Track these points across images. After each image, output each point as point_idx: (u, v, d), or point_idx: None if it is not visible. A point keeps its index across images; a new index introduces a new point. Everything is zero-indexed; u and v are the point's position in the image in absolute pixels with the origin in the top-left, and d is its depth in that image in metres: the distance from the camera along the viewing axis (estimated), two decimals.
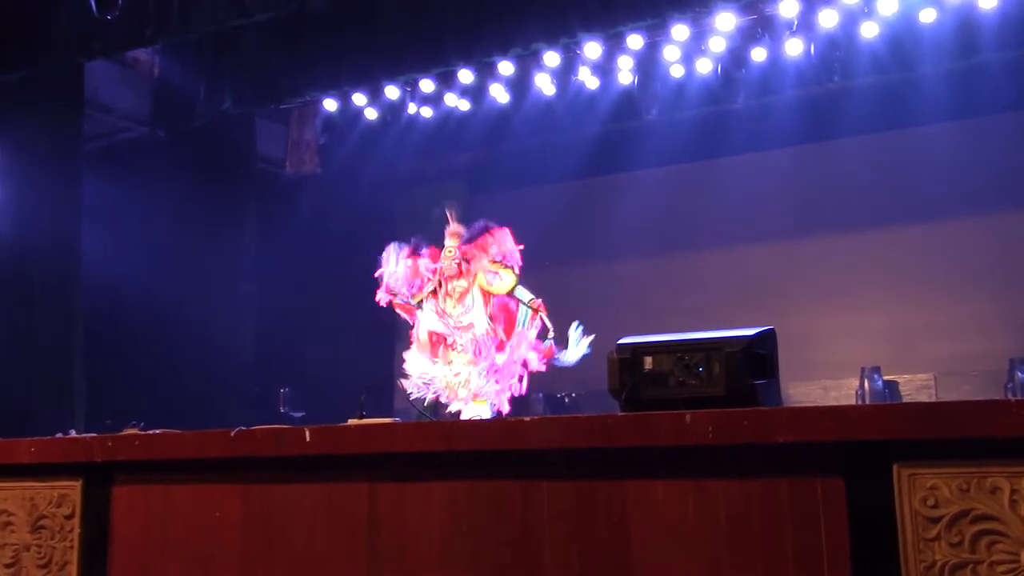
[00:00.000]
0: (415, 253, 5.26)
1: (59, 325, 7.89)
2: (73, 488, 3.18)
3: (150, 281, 8.33)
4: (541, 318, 5.11)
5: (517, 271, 5.15)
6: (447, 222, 5.29)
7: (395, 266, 5.24)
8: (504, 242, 5.23)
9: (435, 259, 5.19)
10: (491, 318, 5.04)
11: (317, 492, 2.76)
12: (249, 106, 8.75)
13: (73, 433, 4.10)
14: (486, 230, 5.24)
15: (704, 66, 8.48)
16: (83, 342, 7.96)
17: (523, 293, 5.12)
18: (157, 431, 3.24)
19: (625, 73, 8.77)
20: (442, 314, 5.08)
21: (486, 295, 5.06)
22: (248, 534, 2.85)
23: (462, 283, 5.11)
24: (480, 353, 5.01)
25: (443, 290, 5.11)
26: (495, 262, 5.13)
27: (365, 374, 9.49)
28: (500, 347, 5.06)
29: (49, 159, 8.01)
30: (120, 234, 8.57)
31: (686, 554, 2.26)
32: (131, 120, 9.33)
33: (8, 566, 3.29)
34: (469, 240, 5.19)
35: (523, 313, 5.04)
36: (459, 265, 5.14)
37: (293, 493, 2.80)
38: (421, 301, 5.17)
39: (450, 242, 5.20)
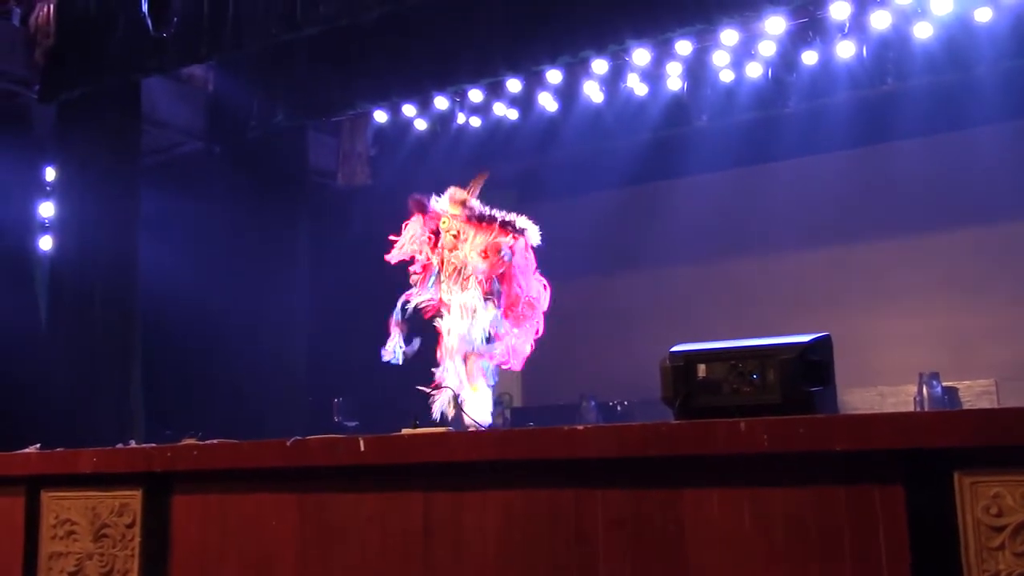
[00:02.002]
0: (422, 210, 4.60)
1: (118, 337, 8.03)
2: (134, 497, 3.24)
3: (205, 293, 8.45)
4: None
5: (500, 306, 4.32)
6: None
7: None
8: (515, 250, 4.40)
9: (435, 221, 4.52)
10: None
11: (372, 501, 2.78)
12: (301, 119, 8.85)
13: (133, 443, 4.17)
14: (503, 223, 4.46)
15: (754, 70, 8.41)
16: (141, 353, 8.11)
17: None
18: (214, 441, 3.28)
19: (674, 79, 8.73)
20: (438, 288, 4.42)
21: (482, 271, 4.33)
22: (304, 543, 2.88)
23: (460, 260, 4.41)
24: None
25: (444, 271, 4.43)
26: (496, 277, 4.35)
27: (417, 383, 9.53)
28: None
29: (108, 174, 8.17)
30: (176, 247, 8.72)
31: (742, 563, 2.24)
32: (186, 135, 9.49)
33: (71, 574, 3.35)
34: (479, 223, 4.48)
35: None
36: (457, 237, 4.44)
37: (348, 502, 2.82)
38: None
39: (453, 209, 4.53)
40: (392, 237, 4.66)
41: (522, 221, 4.46)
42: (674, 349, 2.59)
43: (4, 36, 7.90)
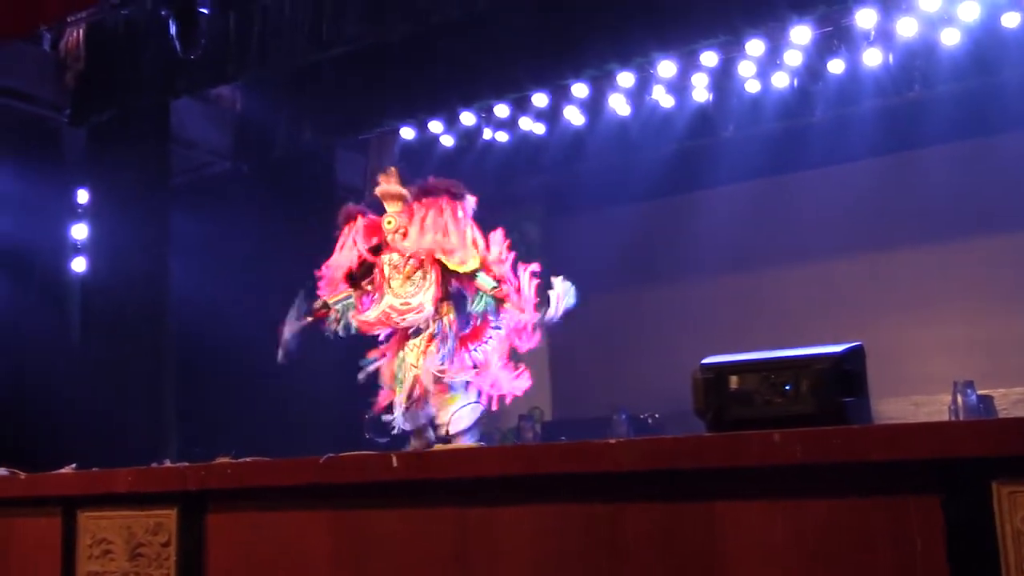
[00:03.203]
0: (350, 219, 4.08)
1: (150, 356, 8.11)
2: (169, 516, 3.26)
3: (235, 311, 8.50)
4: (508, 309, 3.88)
5: (482, 250, 3.89)
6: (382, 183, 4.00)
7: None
8: (467, 212, 3.95)
9: (374, 231, 4.02)
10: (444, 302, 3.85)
11: (406, 517, 2.78)
12: (328, 137, 8.92)
13: (167, 462, 4.19)
14: (447, 192, 3.95)
15: (780, 80, 8.39)
16: (173, 372, 8.17)
17: (485, 280, 3.89)
18: (247, 459, 3.30)
19: (700, 90, 8.72)
20: (381, 295, 3.88)
21: (442, 272, 3.86)
22: (339, 561, 2.88)
23: (412, 258, 3.87)
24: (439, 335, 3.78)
25: (387, 266, 3.92)
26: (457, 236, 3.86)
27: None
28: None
29: (138, 195, 8.27)
30: (206, 266, 8.78)
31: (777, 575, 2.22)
32: (215, 155, 9.58)
33: None
34: (420, 196, 3.95)
35: (483, 304, 3.86)
36: (405, 235, 3.89)
37: (382, 519, 2.82)
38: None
39: (391, 207, 3.97)
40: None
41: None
42: (705, 361, 2.58)
43: (35, 61, 8.03)
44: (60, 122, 8.53)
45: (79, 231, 8.87)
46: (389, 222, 3.82)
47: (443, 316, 3.69)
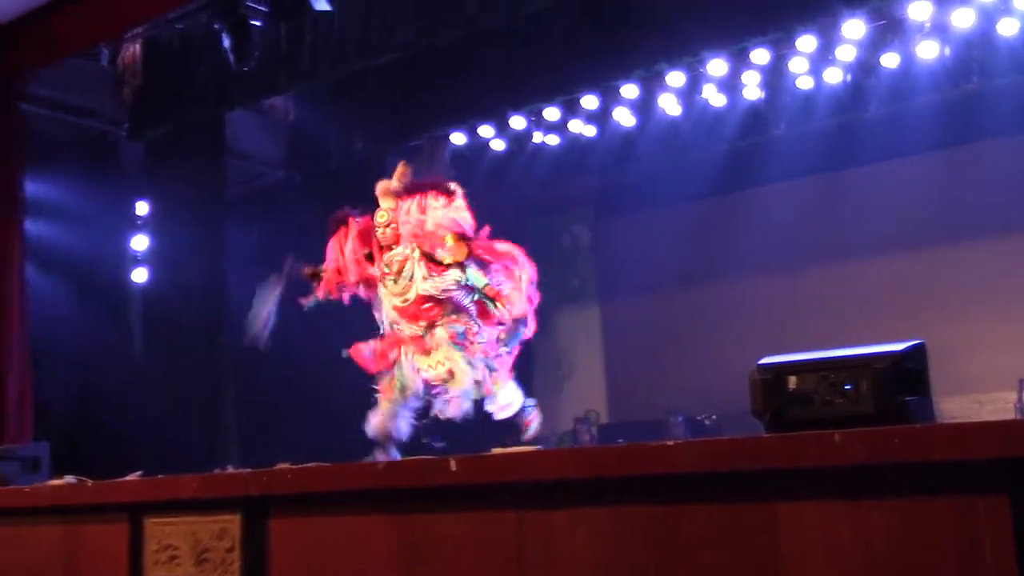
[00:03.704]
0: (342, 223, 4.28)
1: (209, 364, 8.24)
2: (232, 522, 3.31)
3: (291, 319, 8.59)
4: (497, 307, 3.97)
5: (470, 245, 3.97)
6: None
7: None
8: (457, 207, 4.07)
9: (367, 236, 4.20)
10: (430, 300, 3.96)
11: (465, 521, 2.80)
12: (379, 145, 8.99)
13: (230, 468, 4.26)
14: (435, 186, 4.11)
15: (833, 76, 8.29)
16: (231, 379, 8.29)
17: (476, 277, 3.96)
18: (308, 465, 3.34)
19: (751, 88, 8.65)
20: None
21: (431, 265, 3.96)
22: (399, 564, 2.90)
23: (400, 251, 4.03)
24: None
25: (379, 264, 4.10)
26: (442, 226, 3.99)
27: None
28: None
29: (195, 207, 8.41)
30: (262, 275, 8.89)
31: None
32: (269, 165, 9.72)
33: None
34: (409, 192, 4.13)
35: (477, 295, 3.97)
36: (395, 230, 4.06)
37: (442, 523, 2.84)
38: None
39: (385, 203, 4.15)
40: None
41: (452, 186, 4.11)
42: (762, 361, 2.55)
43: (93, 77, 8.20)
44: (119, 136, 8.72)
45: (139, 242, 9.05)
46: (382, 216, 4.05)
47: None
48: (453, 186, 4.07)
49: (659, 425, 8.58)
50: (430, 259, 3.93)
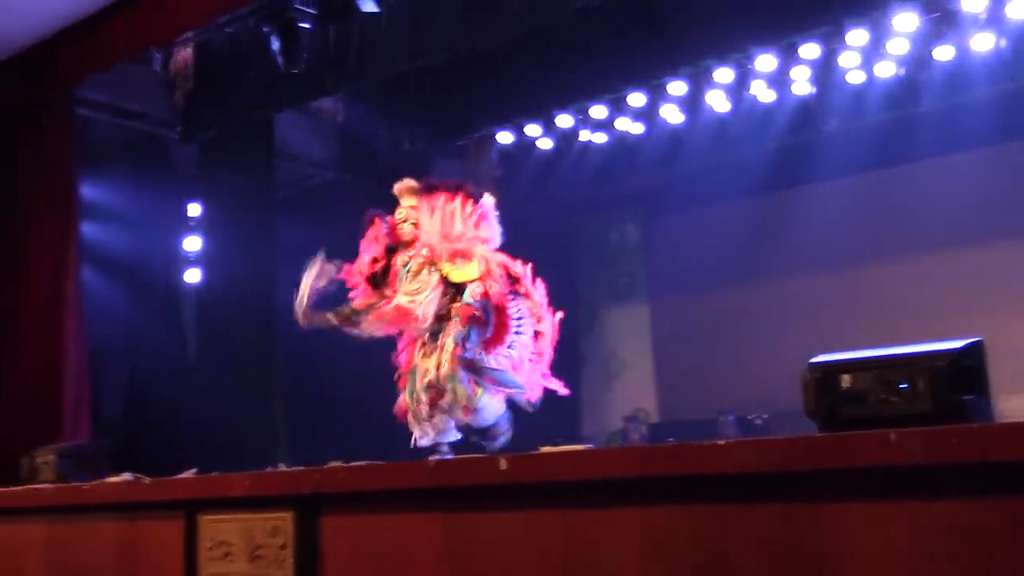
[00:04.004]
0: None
1: (261, 363, 8.33)
2: (285, 519, 3.34)
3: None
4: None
5: (485, 264, 3.80)
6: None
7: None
8: (482, 210, 3.95)
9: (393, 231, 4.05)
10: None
11: (514, 520, 2.80)
12: (427, 144, 9.02)
13: (282, 466, 4.30)
14: (457, 188, 3.95)
15: (885, 70, 8.17)
16: (283, 379, 8.38)
17: (466, 297, 3.75)
18: (359, 463, 3.36)
19: (801, 84, 8.55)
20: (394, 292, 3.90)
21: (442, 282, 3.80)
22: (449, 562, 2.92)
23: (421, 256, 3.88)
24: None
25: (398, 260, 3.95)
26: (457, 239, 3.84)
27: (552, 401, 9.55)
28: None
29: (247, 208, 8.51)
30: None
31: None
32: (318, 166, 9.80)
33: None
34: (428, 191, 3.97)
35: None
36: (415, 227, 3.92)
37: (492, 521, 2.84)
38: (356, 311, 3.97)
39: (406, 201, 4.01)
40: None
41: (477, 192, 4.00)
42: (815, 359, 2.52)
43: (146, 81, 8.33)
44: (171, 139, 8.85)
45: (191, 243, 9.18)
46: (400, 213, 3.98)
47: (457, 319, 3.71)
48: (479, 190, 4.03)
49: (709, 425, 8.52)
50: (446, 281, 3.81)
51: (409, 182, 4.00)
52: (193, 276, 9.11)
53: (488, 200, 3.98)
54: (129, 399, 9.51)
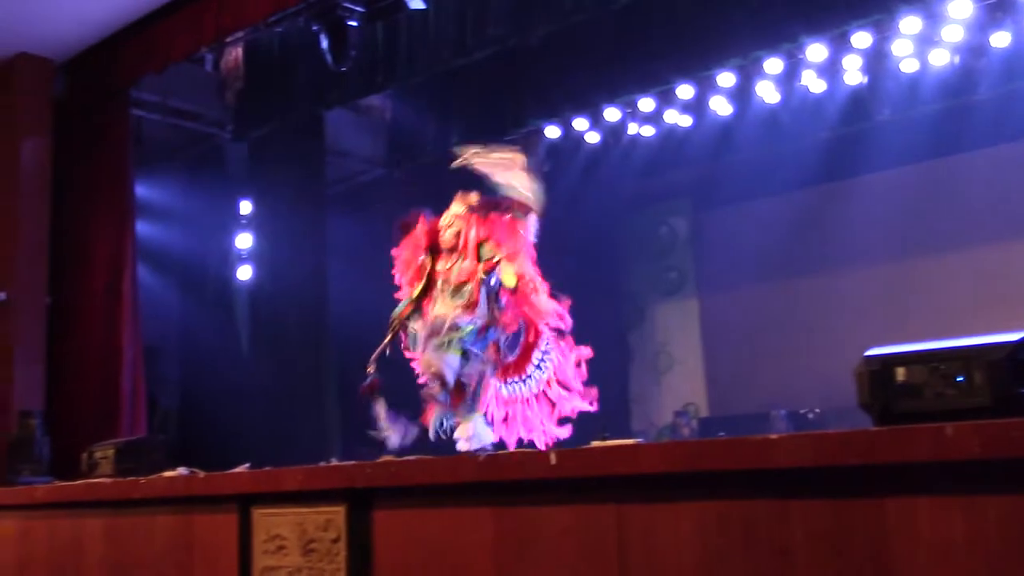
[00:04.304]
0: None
1: (312, 358, 8.41)
2: (338, 513, 3.37)
3: (390, 314, 8.73)
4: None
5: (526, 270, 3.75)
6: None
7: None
8: (529, 229, 3.88)
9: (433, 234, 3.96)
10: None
11: (565, 514, 2.80)
12: (475, 140, 9.01)
13: (334, 461, 4.34)
14: (510, 208, 3.88)
15: (940, 58, 8.02)
16: (336, 373, 8.46)
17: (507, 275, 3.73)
18: (411, 458, 3.38)
19: (853, 73, 8.42)
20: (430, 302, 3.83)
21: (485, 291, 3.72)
22: (501, 555, 2.92)
23: (463, 265, 3.78)
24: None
25: (439, 267, 3.86)
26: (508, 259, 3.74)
27: (601, 396, 9.52)
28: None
29: (298, 205, 8.59)
30: (362, 271, 9.05)
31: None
32: (368, 163, 9.86)
33: None
34: (486, 209, 3.90)
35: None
36: (458, 236, 3.84)
37: (542, 515, 2.85)
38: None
39: (456, 207, 3.95)
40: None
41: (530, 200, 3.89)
42: (869, 353, 2.49)
43: (199, 81, 8.45)
44: (223, 138, 8.97)
45: (243, 240, 9.29)
46: (445, 218, 3.90)
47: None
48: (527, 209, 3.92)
49: (760, 419, 8.44)
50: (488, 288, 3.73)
51: (472, 196, 3.94)
52: (245, 273, 9.22)
53: (533, 219, 3.92)
54: (184, 395, 9.67)
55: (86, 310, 7.70)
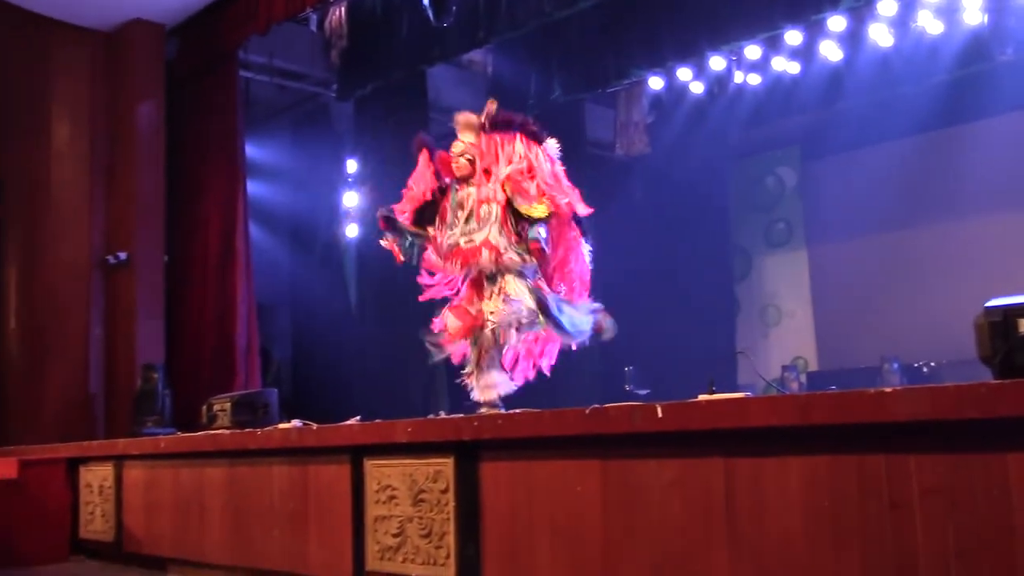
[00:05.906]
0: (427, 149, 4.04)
1: (420, 314, 8.52)
2: (446, 464, 3.44)
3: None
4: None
5: (552, 204, 3.73)
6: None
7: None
8: (549, 154, 3.82)
9: (446, 167, 3.94)
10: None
11: (672, 467, 2.80)
12: (577, 92, 8.94)
13: (443, 414, 4.41)
14: (521, 127, 3.84)
15: None
16: None
17: (537, 229, 3.69)
18: (517, 411, 3.41)
19: (972, 12, 8.02)
20: (441, 230, 3.84)
21: (507, 211, 3.70)
22: (608, 508, 2.94)
23: (483, 191, 3.75)
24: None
25: (450, 198, 3.85)
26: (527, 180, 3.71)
27: (708, 349, 9.44)
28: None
29: (402, 163, 8.62)
30: None
31: None
32: None
33: (395, 535, 3.62)
34: (494, 129, 3.85)
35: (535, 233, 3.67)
36: (472, 163, 3.81)
37: (649, 468, 2.85)
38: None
39: (465, 136, 3.89)
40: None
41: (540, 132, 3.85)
42: (989, 304, 2.40)
43: (304, 42, 8.56)
44: (329, 97, 9.09)
45: (350, 199, 9.44)
46: (457, 146, 3.84)
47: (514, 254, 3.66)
48: (539, 129, 3.89)
49: (872, 372, 8.25)
50: (516, 213, 3.72)
51: (470, 116, 3.91)
52: (352, 231, 9.37)
53: (551, 142, 3.86)
54: (296, 349, 9.94)
55: (201, 268, 7.95)
